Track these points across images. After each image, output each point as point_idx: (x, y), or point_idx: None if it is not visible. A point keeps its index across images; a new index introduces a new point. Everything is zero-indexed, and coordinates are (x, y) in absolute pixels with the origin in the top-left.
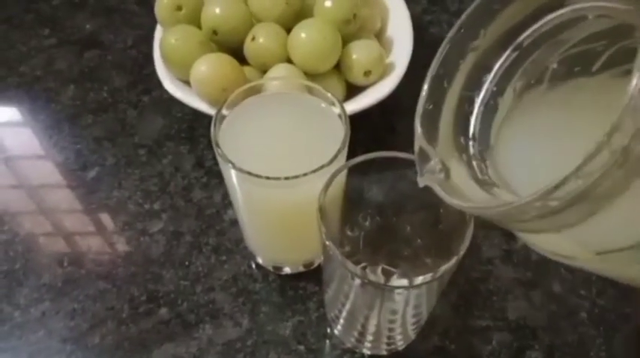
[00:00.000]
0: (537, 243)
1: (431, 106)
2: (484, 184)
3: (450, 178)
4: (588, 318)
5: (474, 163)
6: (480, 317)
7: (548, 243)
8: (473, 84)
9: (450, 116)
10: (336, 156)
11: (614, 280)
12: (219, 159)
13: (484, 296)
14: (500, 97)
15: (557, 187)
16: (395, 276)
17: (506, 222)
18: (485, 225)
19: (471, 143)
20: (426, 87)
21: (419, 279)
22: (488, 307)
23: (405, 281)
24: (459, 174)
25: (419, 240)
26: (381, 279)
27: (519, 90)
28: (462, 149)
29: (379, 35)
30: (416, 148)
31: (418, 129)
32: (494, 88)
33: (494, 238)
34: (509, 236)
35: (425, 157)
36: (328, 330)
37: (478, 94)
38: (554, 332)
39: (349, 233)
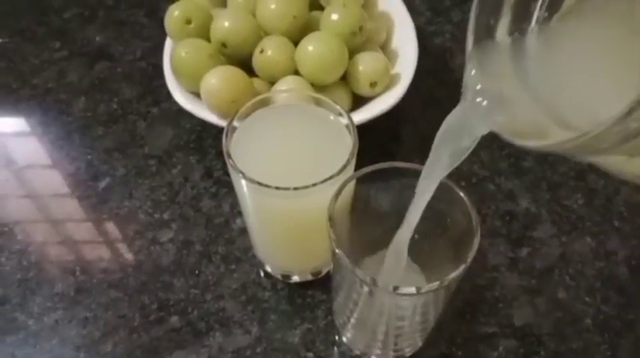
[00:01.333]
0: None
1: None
2: None
3: None
4: (593, 325)
5: None
6: (486, 324)
7: None
8: (522, 16)
9: (504, 52)
10: (345, 167)
11: None
12: (230, 169)
13: (490, 304)
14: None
15: (632, 110)
16: None
17: (582, 154)
18: (492, 233)
19: None
20: (471, 29)
21: (426, 287)
22: (494, 314)
23: (412, 289)
24: None
25: (426, 248)
26: (390, 287)
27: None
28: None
29: (384, 47)
30: (471, 90)
31: (472, 72)
32: (546, 14)
33: (500, 246)
34: (515, 244)
35: (485, 101)
36: (337, 338)
37: (529, 24)
38: (559, 339)
39: (358, 241)
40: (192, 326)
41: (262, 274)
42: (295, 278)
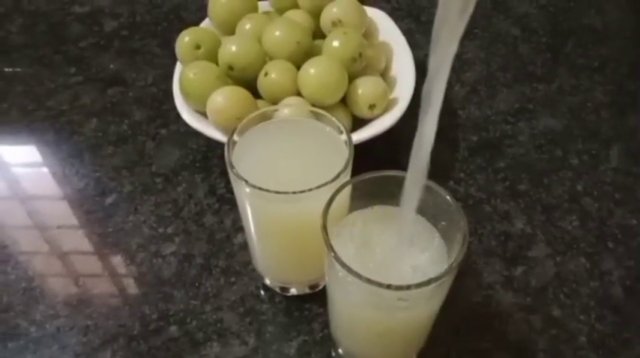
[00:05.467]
0: None
1: None
2: None
3: None
4: (588, 343)
5: None
6: (481, 340)
7: None
8: None
9: None
10: (338, 175)
11: None
12: (232, 178)
13: (485, 320)
14: None
15: None
16: None
17: None
18: (487, 252)
19: None
20: None
21: (414, 284)
22: (489, 330)
23: (403, 285)
24: None
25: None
26: (384, 284)
27: None
28: None
29: (384, 74)
30: None
31: None
32: None
33: (495, 265)
34: (510, 263)
35: None
36: (332, 350)
37: None
38: (553, 356)
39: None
40: (190, 336)
41: (261, 287)
42: (293, 291)
